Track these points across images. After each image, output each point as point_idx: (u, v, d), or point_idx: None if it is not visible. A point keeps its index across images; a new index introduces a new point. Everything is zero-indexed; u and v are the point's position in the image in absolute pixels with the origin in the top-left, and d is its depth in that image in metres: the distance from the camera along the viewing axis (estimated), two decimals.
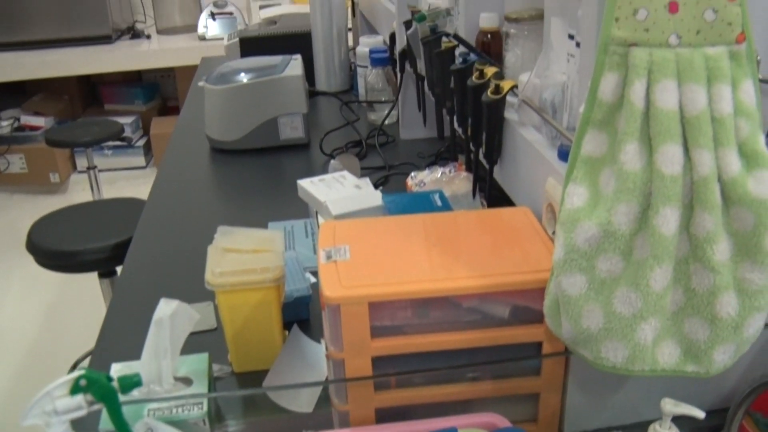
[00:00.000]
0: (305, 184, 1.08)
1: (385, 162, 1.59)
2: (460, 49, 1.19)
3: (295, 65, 1.75)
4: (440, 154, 1.55)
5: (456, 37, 1.22)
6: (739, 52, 0.64)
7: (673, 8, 0.63)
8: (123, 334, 1.04)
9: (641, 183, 0.63)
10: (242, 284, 0.87)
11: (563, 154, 0.84)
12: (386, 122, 1.81)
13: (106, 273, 2.11)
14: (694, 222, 0.64)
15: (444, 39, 1.24)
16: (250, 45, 2.18)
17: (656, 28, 0.63)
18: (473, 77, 1.06)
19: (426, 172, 1.28)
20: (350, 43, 2.30)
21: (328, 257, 0.77)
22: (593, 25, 0.72)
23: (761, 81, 0.69)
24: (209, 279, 0.87)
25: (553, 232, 0.82)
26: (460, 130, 1.17)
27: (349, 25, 2.38)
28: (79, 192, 3.87)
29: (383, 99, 1.87)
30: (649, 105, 0.63)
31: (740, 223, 0.63)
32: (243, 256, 0.89)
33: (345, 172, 1.12)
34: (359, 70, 2.02)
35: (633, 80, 0.63)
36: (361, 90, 1.99)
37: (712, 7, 0.63)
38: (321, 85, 2.19)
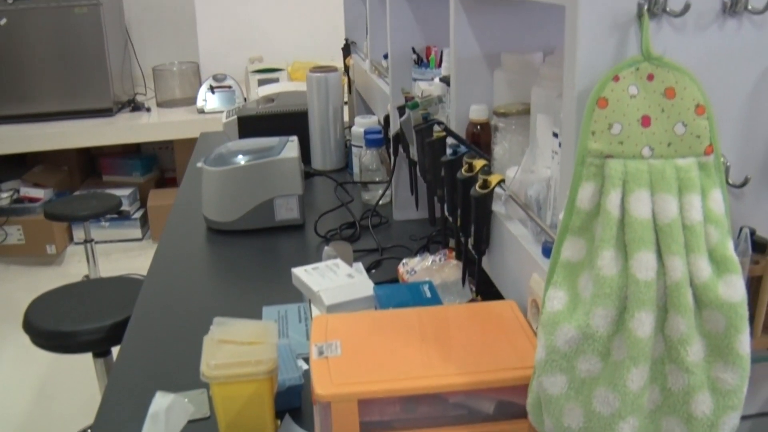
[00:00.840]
0: (299, 272, 1.11)
1: (378, 245, 1.62)
2: (451, 139, 1.23)
3: (291, 147, 1.80)
4: (432, 238, 1.59)
5: (447, 129, 1.26)
6: (707, 163, 0.68)
7: (645, 122, 0.68)
8: (118, 421, 1.05)
9: (617, 288, 0.66)
10: (236, 376, 0.89)
11: (547, 251, 0.87)
12: (380, 202, 1.85)
13: (101, 353, 2.12)
14: (669, 324, 0.67)
15: (436, 128, 1.28)
16: (248, 123, 2.24)
17: (630, 141, 0.68)
18: (462, 170, 1.09)
19: (417, 259, 1.31)
20: (346, 118, 2.35)
21: (320, 353, 0.79)
22: (572, 133, 0.76)
23: (731, 186, 0.74)
24: (204, 371, 0.89)
25: (537, 327, 0.84)
26: (450, 218, 1.20)
27: (345, 99, 2.44)
28: (75, 264, 3.88)
29: (377, 179, 1.91)
30: (624, 213, 0.67)
31: (712, 325, 0.66)
32: (238, 348, 0.91)
33: (338, 260, 1.15)
34: (354, 150, 2.06)
35: (609, 190, 0.67)
36: (356, 169, 2.03)
37: (681, 121, 0.68)
38: (316, 163, 2.24)
